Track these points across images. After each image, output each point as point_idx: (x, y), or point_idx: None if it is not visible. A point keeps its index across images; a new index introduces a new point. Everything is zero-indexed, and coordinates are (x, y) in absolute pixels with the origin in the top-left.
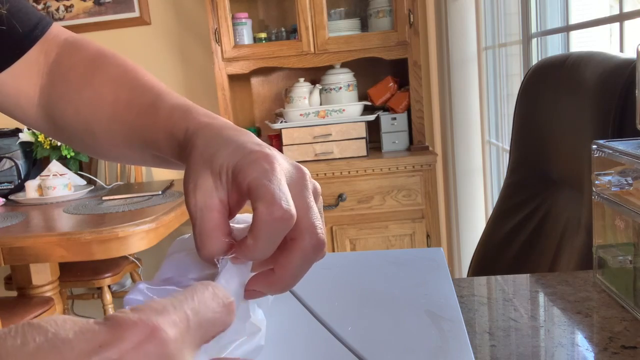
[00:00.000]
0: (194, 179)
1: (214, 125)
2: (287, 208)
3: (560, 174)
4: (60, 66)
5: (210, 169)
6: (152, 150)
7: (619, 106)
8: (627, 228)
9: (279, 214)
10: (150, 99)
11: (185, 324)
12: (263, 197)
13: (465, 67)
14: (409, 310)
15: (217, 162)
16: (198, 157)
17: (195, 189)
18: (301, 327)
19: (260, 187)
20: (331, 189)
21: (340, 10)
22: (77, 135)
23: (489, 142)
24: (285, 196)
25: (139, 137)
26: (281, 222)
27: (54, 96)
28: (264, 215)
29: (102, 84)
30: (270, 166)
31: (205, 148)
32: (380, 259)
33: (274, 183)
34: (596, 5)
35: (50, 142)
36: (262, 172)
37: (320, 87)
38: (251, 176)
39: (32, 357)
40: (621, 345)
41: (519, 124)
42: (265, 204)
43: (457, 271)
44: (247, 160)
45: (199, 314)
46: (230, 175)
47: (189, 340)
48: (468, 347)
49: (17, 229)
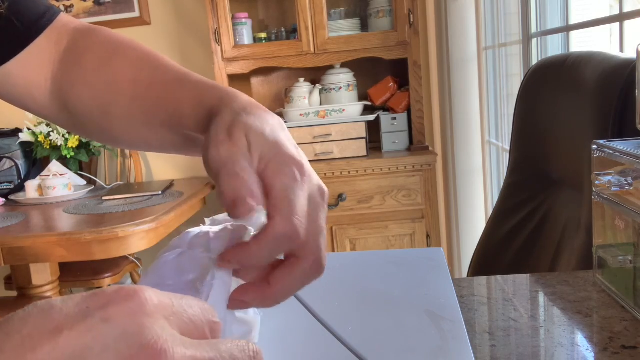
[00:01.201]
0: (229, 130)
1: (251, 101)
2: (300, 228)
3: (560, 174)
4: (73, 52)
5: (244, 132)
6: (174, 127)
7: (619, 106)
8: (627, 228)
9: (291, 231)
10: (175, 75)
11: (168, 302)
12: (283, 210)
13: (465, 67)
14: (409, 310)
15: (253, 133)
16: (233, 116)
17: (231, 138)
18: (301, 327)
19: (284, 199)
20: (331, 189)
21: (340, 10)
22: (92, 120)
23: (489, 142)
24: (302, 216)
25: (162, 113)
26: (290, 240)
27: (68, 82)
28: (277, 228)
29: (121, 66)
30: (301, 178)
31: (244, 113)
32: (380, 259)
33: (298, 199)
34: (596, 5)
35: (50, 142)
36: (291, 182)
37: (320, 87)
38: (280, 182)
39: (22, 321)
40: (621, 345)
41: (519, 124)
42: (283, 218)
43: (457, 271)
44: (281, 160)
45: (181, 306)
46: (258, 158)
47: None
48: (468, 347)
49: (17, 229)
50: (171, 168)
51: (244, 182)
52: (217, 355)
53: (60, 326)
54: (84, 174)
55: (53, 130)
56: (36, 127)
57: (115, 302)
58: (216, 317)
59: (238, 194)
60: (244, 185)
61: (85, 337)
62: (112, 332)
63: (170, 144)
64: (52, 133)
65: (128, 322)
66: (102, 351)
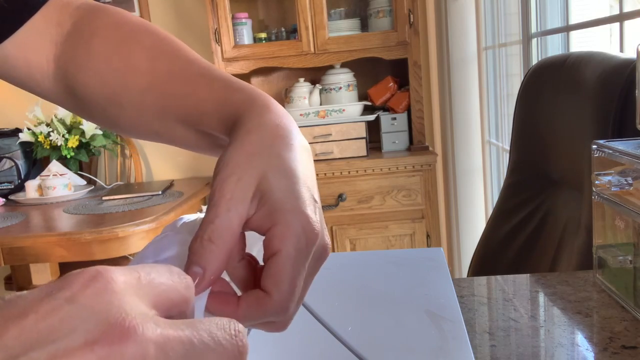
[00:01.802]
0: (239, 171)
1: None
2: (292, 307)
3: (560, 174)
4: (79, 34)
5: (258, 180)
6: (191, 124)
7: (619, 106)
8: (627, 228)
9: (282, 309)
10: (199, 70)
11: (134, 276)
12: (282, 288)
13: (465, 67)
14: (409, 310)
15: (267, 184)
16: (254, 152)
17: (237, 184)
18: (301, 327)
19: (285, 275)
20: (331, 189)
21: (340, 10)
22: (100, 108)
23: (489, 142)
24: (297, 295)
25: (180, 108)
26: (278, 315)
27: (74, 67)
28: (271, 306)
29: (134, 52)
30: (307, 248)
31: (266, 149)
32: (380, 259)
33: (299, 276)
34: (596, 5)
35: (50, 142)
36: (299, 252)
37: (320, 87)
38: (285, 250)
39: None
40: (621, 345)
41: (519, 123)
42: (280, 297)
43: (457, 271)
44: (293, 224)
45: (150, 274)
46: (267, 213)
47: (137, 290)
48: (468, 347)
49: (17, 229)
50: (171, 168)
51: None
52: (194, 332)
53: (26, 311)
54: (84, 174)
55: (53, 130)
56: (36, 127)
57: (79, 282)
58: (187, 277)
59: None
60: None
61: (51, 318)
62: (79, 312)
63: (182, 139)
64: (52, 133)
65: (94, 301)
66: (70, 332)
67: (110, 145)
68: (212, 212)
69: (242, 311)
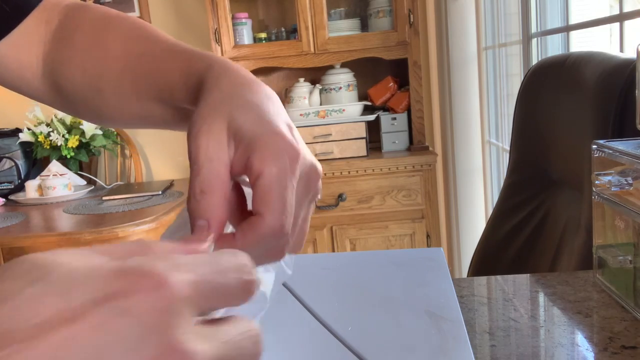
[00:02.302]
0: (208, 122)
1: (241, 72)
2: (288, 226)
3: (560, 174)
4: (64, 30)
5: (227, 123)
6: (165, 100)
7: (619, 106)
8: (627, 228)
9: (279, 230)
10: (166, 46)
11: (198, 287)
12: (272, 207)
13: (465, 67)
14: (409, 310)
15: (237, 120)
16: (217, 102)
17: (209, 134)
18: (301, 327)
19: (272, 193)
20: (331, 189)
21: (340, 10)
22: (83, 99)
23: (489, 142)
24: (291, 212)
25: (153, 85)
26: (277, 237)
27: (59, 61)
28: (266, 227)
29: (111, 40)
30: (291, 164)
31: (228, 96)
32: (380, 259)
33: (287, 193)
34: (596, 5)
35: (50, 142)
36: (281, 170)
37: (320, 87)
38: (268, 170)
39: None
40: (621, 345)
41: (519, 124)
42: (272, 216)
43: (457, 271)
44: (270, 143)
45: (213, 281)
46: (244, 147)
47: (195, 304)
48: (468, 347)
49: (17, 229)
50: (171, 168)
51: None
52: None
53: (74, 316)
54: (84, 174)
55: (53, 130)
56: (36, 127)
57: (140, 290)
58: (250, 271)
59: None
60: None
61: (101, 332)
62: (133, 330)
63: (162, 119)
64: (52, 133)
65: (152, 320)
66: (124, 351)
67: (110, 145)
68: (194, 168)
69: (239, 242)
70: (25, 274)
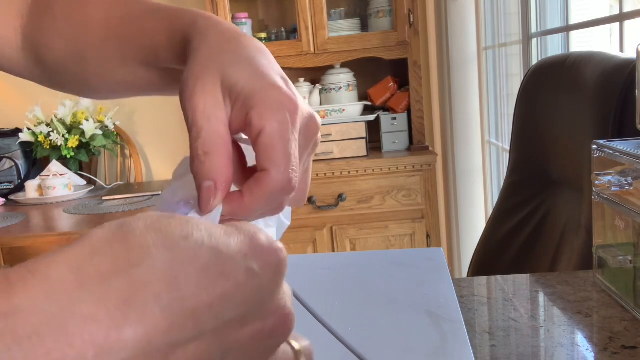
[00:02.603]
0: (201, 80)
1: (227, 26)
2: (295, 180)
3: (560, 174)
4: (43, 2)
5: (220, 80)
6: (151, 62)
7: (619, 106)
8: (627, 228)
9: (287, 185)
10: (147, 6)
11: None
12: (277, 162)
13: (465, 67)
14: (409, 310)
15: (230, 77)
16: (207, 59)
17: (204, 93)
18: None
19: (276, 148)
20: (331, 189)
21: (340, 10)
22: (66, 70)
23: (489, 142)
24: (296, 165)
25: (137, 48)
26: (285, 192)
27: (39, 33)
28: (273, 183)
29: (92, 6)
30: (291, 117)
31: (218, 52)
32: (380, 259)
33: (291, 146)
34: (596, 5)
35: (50, 142)
36: (282, 124)
37: (320, 87)
38: (270, 126)
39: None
40: (621, 345)
41: (518, 124)
42: (278, 171)
43: (457, 271)
44: (268, 97)
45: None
46: (241, 103)
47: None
48: (468, 347)
49: (17, 229)
50: (171, 168)
51: (220, 159)
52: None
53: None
54: (84, 174)
55: (53, 130)
56: (36, 127)
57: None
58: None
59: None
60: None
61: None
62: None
63: (148, 83)
64: (52, 133)
65: (269, 280)
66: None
67: (110, 145)
68: (193, 130)
69: (247, 199)
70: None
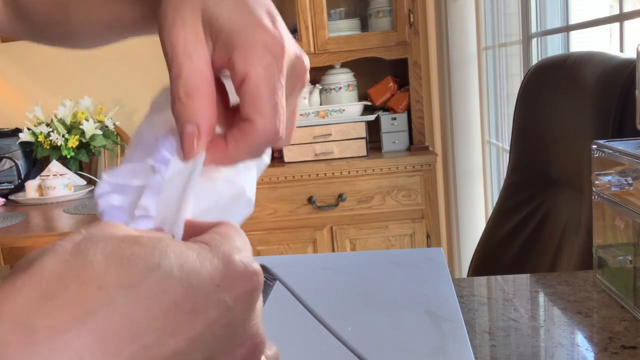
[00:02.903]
0: (181, 12)
1: None
2: (281, 129)
3: (560, 174)
4: None
5: (200, 13)
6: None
7: (619, 106)
8: (627, 228)
9: (273, 134)
10: None
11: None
12: (263, 111)
13: (465, 67)
14: (409, 310)
15: (212, 11)
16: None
17: (184, 27)
18: (301, 327)
19: (261, 96)
20: (331, 189)
21: (340, 10)
22: (47, 18)
23: (489, 142)
24: (283, 113)
25: None
26: (271, 143)
27: None
28: (259, 133)
29: None
30: (277, 62)
31: None
32: (380, 259)
33: (277, 93)
34: (596, 5)
35: (50, 142)
36: (268, 70)
37: (320, 87)
38: (255, 72)
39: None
40: (621, 345)
41: (519, 123)
42: (264, 121)
43: (457, 271)
44: (252, 38)
45: None
46: (223, 42)
47: None
48: (468, 347)
49: (17, 229)
50: None
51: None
52: None
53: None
54: (84, 174)
55: (53, 130)
56: (36, 127)
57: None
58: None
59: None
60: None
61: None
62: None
63: (131, 21)
64: (52, 133)
65: (245, 316)
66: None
67: (110, 145)
68: (174, 67)
69: (231, 149)
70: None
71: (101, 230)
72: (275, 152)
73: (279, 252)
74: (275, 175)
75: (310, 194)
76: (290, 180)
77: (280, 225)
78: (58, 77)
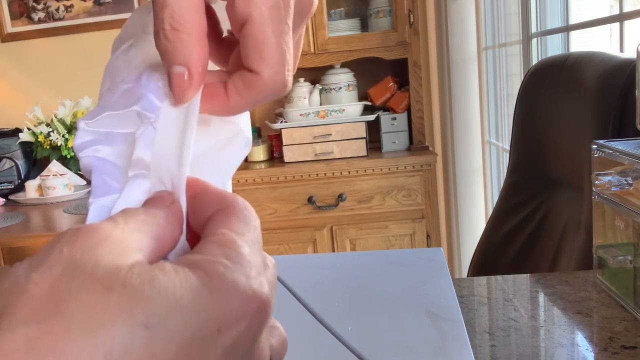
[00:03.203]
0: None
1: None
2: (289, 80)
3: (560, 174)
4: None
5: None
6: None
7: (619, 106)
8: (627, 228)
9: (281, 88)
10: None
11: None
12: (269, 61)
13: (465, 67)
14: (409, 310)
15: None
16: None
17: None
18: (301, 327)
19: (266, 43)
20: (331, 189)
21: (340, 10)
22: None
23: (489, 142)
24: (291, 61)
25: None
26: (277, 93)
27: None
28: (265, 85)
29: None
30: (283, 1)
31: None
32: (380, 259)
33: (285, 38)
34: (596, 5)
35: (50, 142)
36: (273, 10)
37: (320, 87)
38: (258, 13)
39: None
40: (621, 345)
41: (518, 123)
42: (271, 71)
43: (457, 271)
44: None
45: None
46: None
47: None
48: (468, 347)
49: (17, 229)
50: None
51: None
52: None
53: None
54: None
55: (53, 130)
56: (36, 127)
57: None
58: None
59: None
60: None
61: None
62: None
63: None
64: (52, 133)
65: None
66: None
67: None
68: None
69: (232, 101)
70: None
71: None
72: (276, 152)
73: (279, 252)
74: (275, 175)
75: (310, 194)
76: (290, 180)
77: (280, 225)
78: (58, 77)
